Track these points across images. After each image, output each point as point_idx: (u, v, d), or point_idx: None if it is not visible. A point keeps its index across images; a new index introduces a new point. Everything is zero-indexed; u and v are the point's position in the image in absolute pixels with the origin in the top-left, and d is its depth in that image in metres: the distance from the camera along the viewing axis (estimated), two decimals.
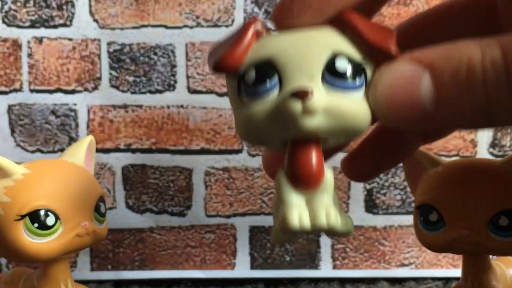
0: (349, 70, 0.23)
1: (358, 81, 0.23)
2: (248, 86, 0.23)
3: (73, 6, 0.44)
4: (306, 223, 0.22)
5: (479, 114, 0.22)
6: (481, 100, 0.22)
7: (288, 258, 0.45)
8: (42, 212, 0.29)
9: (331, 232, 0.23)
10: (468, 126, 0.24)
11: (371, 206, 0.44)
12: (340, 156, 0.28)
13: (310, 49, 0.23)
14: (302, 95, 0.22)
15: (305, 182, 0.23)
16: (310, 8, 0.24)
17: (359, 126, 0.23)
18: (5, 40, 0.44)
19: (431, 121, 0.23)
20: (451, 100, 0.22)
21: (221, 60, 0.24)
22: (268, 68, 0.23)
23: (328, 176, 0.23)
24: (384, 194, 0.44)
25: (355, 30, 0.23)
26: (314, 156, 0.23)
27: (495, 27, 0.27)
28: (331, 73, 0.22)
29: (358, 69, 0.23)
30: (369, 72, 0.23)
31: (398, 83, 0.23)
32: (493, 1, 0.27)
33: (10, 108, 0.44)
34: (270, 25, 0.24)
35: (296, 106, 0.22)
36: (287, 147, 0.24)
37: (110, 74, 0.44)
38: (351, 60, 0.23)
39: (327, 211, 0.23)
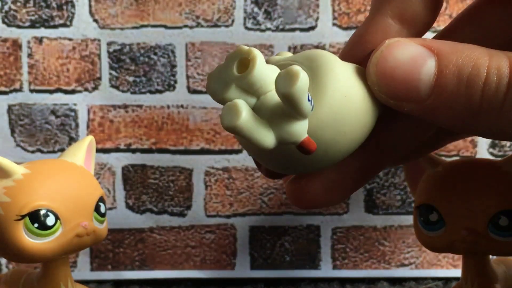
0: None
1: None
2: None
3: (73, 6, 0.44)
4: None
5: (467, 114, 0.23)
6: (475, 101, 0.22)
7: (288, 258, 0.45)
8: (42, 212, 0.29)
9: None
10: (451, 123, 0.24)
11: (371, 206, 0.44)
12: None
13: None
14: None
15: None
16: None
17: None
18: (5, 40, 0.44)
19: (420, 105, 0.23)
20: (446, 92, 0.23)
21: None
22: None
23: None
24: (384, 194, 0.44)
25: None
26: None
27: None
28: None
29: None
30: None
31: (403, 58, 0.23)
32: None
33: (10, 108, 0.44)
34: None
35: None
36: None
37: (110, 74, 0.44)
38: None
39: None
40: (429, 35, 0.26)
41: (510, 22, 0.26)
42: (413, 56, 0.23)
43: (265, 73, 0.22)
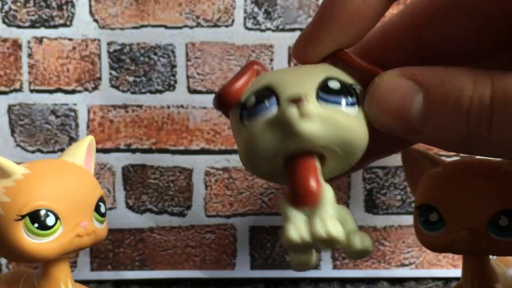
0: (341, 89, 0.24)
1: (350, 99, 0.24)
2: (248, 109, 0.24)
3: (73, 6, 0.44)
4: (305, 234, 0.23)
5: (460, 142, 0.24)
6: (462, 130, 0.23)
7: (288, 258, 0.45)
8: (42, 212, 0.29)
9: (339, 245, 0.23)
10: (449, 149, 0.26)
11: (371, 206, 0.44)
12: None
13: (305, 75, 0.25)
14: (297, 100, 0.23)
15: (303, 198, 0.24)
16: (340, 29, 0.26)
17: (355, 139, 0.24)
18: (5, 40, 0.44)
19: (417, 136, 0.25)
20: (437, 123, 0.24)
21: (223, 91, 0.25)
22: (266, 92, 0.24)
23: (327, 192, 0.24)
24: (384, 194, 0.44)
25: (346, 60, 0.26)
26: (310, 172, 0.24)
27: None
28: (324, 91, 0.24)
29: (349, 90, 0.25)
30: (360, 95, 0.25)
31: (394, 95, 0.24)
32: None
33: (10, 108, 0.44)
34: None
35: (293, 110, 0.23)
36: (287, 168, 0.24)
37: (110, 74, 0.44)
38: (342, 82, 0.25)
39: (324, 221, 0.23)
40: None
41: None
42: (401, 92, 0.24)
43: None
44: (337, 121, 0.23)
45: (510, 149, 0.23)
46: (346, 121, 0.24)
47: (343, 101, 0.24)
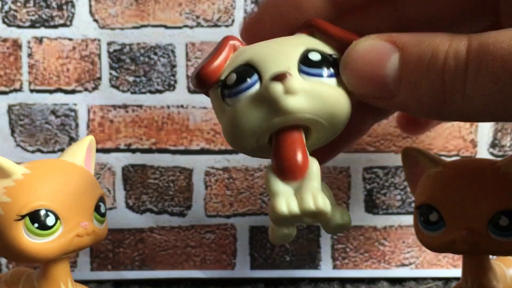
0: (321, 60, 0.24)
1: (331, 69, 0.24)
2: (230, 88, 0.24)
3: (73, 6, 0.44)
4: (294, 207, 0.23)
5: (434, 102, 0.23)
6: (437, 88, 0.23)
7: (288, 258, 0.45)
8: (42, 212, 0.29)
9: (323, 219, 0.24)
10: (423, 113, 0.25)
11: (371, 206, 0.44)
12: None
13: (285, 48, 0.25)
14: (281, 77, 0.23)
15: (290, 172, 0.24)
16: (282, 18, 0.26)
17: (339, 109, 0.24)
18: (5, 40, 0.44)
19: (391, 99, 0.24)
20: (411, 83, 0.23)
21: (201, 70, 0.25)
22: (247, 69, 0.24)
23: (314, 166, 0.24)
24: (384, 194, 0.44)
25: (323, 29, 0.25)
26: (297, 146, 0.24)
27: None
28: (305, 64, 0.24)
29: (329, 60, 0.25)
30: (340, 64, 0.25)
31: (369, 55, 0.24)
32: None
33: (10, 108, 0.44)
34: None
35: (278, 87, 0.23)
36: (272, 142, 0.25)
37: (110, 74, 0.44)
38: (322, 54, 0.25)
39: (314, 195, 0.23)
40: None
41: None
42: (377, 53, 0.24)
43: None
44: (321, 94, 0.24)
45: (484, 105, 0.22)
46: (329, 92, 0.24)
47: (325, 72, 0.24)
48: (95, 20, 0.44)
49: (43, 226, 0.29)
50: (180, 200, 0.44)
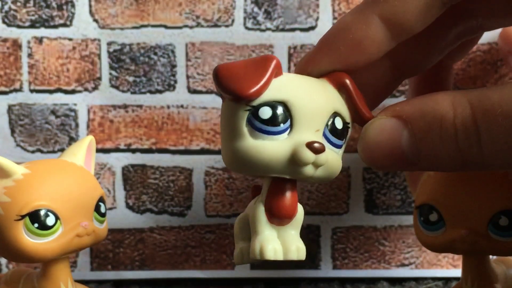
0: (342, 129, 0.26)
1: (343, 140, 0.27)
2: (260, 121, 0.25)
3: (73, 6, 0.44)
4: (280, 255, 0.26)
5: (455, 163, 0.25)
6: (454, 153, 0.25)
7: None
8: (42, 212, 0.29)
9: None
10: (448, 171, 0.28)
11: (371, 206, 0.44)
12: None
13: (320, 102, 0.26)
14: (316, 150, 0.25)
15: (281, 220, 0.26)
16: (340, 57, 0.27)
17: (336, 173, 0.27)
18: (5, 40, 0.44)
19: (415, 167, 0.26)
20: (429, 151, 0.25)
21: (245, 89, 0.25)
22: (283, 113, 0.25)
23: (300, 214, 0.27)
24: (384, 194, 0.44)
25: (349, 94, 0.27)
26: (291, 196, 0.26)
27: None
28: (331, 131, 0.26)
29: (345, 129, 0.27)
30: (348, 133, 0.27)
31: (382, 137, 0.26)
32: None
33: (10, 108, 0.44)
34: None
35: (310, 157, 0.25)
36: (267, 182, 0.26)
37: (110, 74, 0.44)
38: (344, 121, 0.27)
39: (297, 247, 0.26)
40: None
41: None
42: (389, 133, 0.26)
43: None
44: (332, 166, 0.26)
45: (504, 158, 0.24)
46: (338, 164, 0.26)
47: (339, 143, 0.26)
48: (95, 20, 0.44)
49: (43, 226, 0.29)
50: (180, 200, 0.44)
